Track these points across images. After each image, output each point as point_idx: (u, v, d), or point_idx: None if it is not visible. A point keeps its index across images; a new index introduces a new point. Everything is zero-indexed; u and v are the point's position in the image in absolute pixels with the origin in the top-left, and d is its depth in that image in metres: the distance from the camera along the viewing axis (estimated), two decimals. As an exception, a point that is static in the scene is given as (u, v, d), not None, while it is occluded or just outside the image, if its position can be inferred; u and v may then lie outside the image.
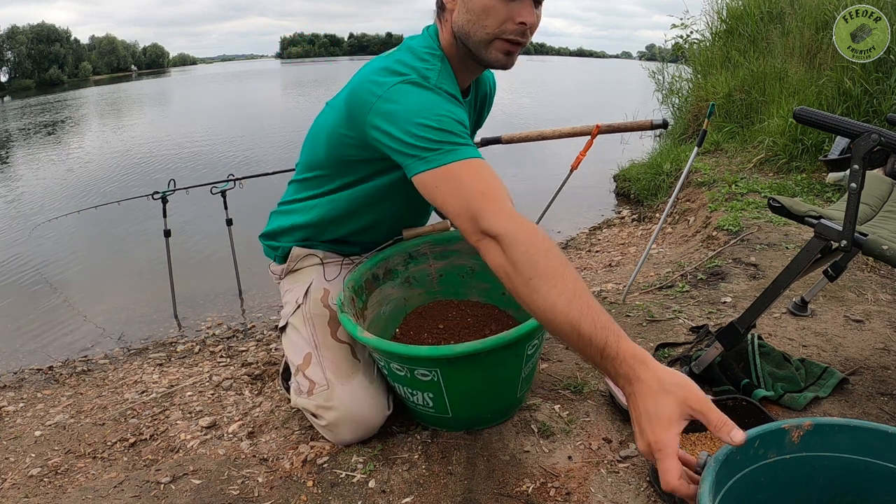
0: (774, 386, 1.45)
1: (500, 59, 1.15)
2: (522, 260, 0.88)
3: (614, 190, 4.96)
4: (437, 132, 1.03)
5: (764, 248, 2.50)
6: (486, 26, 1.11)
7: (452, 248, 1.55)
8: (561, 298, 0.83)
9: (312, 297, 1.39)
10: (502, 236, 0.92)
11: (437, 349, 1.14)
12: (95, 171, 6.83)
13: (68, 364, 2.34)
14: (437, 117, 1.05)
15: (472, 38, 1.14)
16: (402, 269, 1.53)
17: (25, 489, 1.33)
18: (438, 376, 1.18)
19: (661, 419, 0.69)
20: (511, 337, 1.12)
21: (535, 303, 0.86)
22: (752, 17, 5.36)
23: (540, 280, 0.86)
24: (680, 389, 0.70)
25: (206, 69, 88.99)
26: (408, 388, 1.26)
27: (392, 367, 1.23)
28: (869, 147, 1.11)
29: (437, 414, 1.28)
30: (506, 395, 1.30)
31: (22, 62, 64.35)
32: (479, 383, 1.21)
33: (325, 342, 1.34)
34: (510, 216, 0.94)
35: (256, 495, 1.21)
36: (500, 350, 1.13)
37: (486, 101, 1.48)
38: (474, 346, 1.11)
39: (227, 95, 21.32)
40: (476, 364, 1.16)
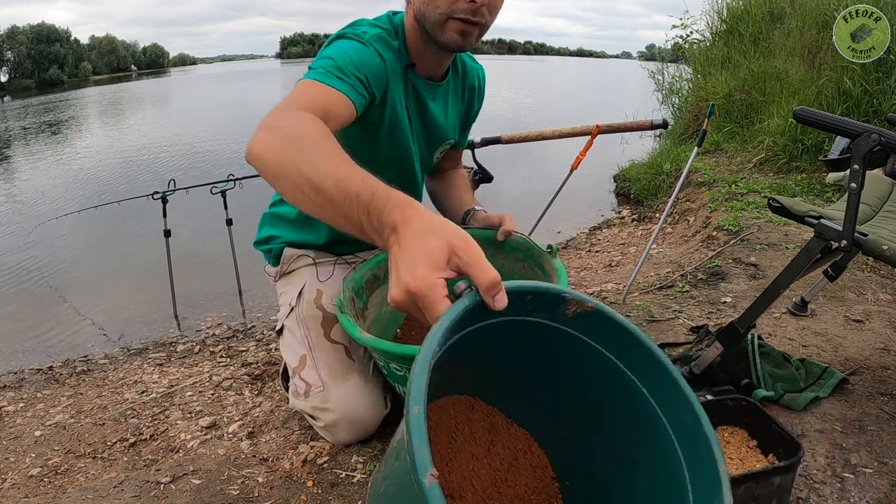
0: (774, 386, 1.45)
1: (454, 38, 1.15)
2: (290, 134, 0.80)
3: (614, 190, 4.96)
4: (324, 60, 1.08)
5: (764, 248, 2.50)
6: (437, 6, 1.12)
7: None
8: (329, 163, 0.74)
9: (305, 299, 1.39)
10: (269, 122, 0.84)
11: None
12: (96, 171, 6.83)
13: (68, 364, 2.34)
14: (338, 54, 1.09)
15: (427, 20, 1.15)
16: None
17: (25, 489, 1.33)
18: None
19: (427, 260, 0.57)
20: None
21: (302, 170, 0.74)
22: (752, 17, 5.36)
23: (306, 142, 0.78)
24: (450, 233, 0.59)
25: (205, 69, 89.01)
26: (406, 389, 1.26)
27: (391, 367, 1.23)
28: (869, 147, 1.11)
29: None
30: None
31: (22, 62, 64.37)
32: None
33: (318, 343, 1.34)
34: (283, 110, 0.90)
35: (256, 495, 1.21)
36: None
37: (475, 94, 1.48)
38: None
39: (228, 95, 21.32)
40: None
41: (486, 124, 1.58)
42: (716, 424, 1.24)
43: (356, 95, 1.07)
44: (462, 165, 1.69)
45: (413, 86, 1.27)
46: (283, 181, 0.77)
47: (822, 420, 1.35)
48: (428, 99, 1.31)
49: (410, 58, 1.24)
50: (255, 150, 0.81)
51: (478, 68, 1.47)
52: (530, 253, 1.42)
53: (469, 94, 1.45)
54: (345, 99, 1.04)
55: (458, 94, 1.41)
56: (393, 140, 1.27)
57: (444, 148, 1.44)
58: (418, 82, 1.28)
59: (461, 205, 1.49)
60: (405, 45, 1.23)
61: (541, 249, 1.39)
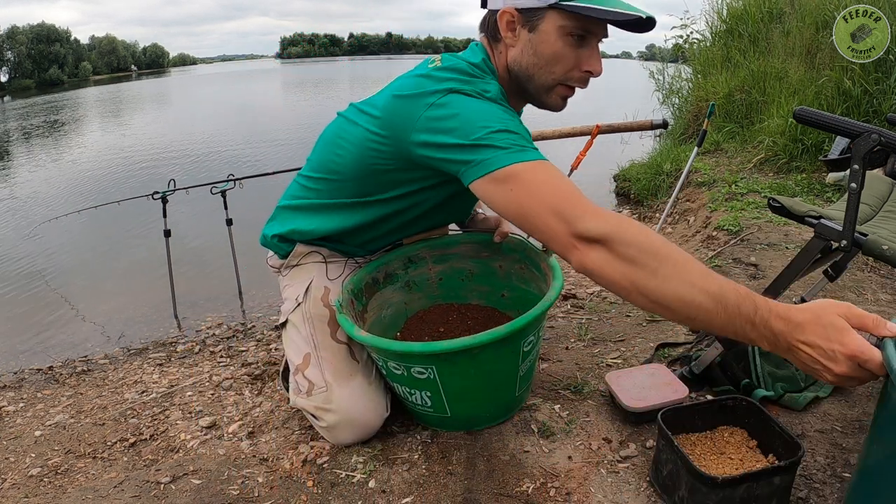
0: (774, 386, 1.45)
1: (558, 103, 1.16)
2: (642, 254, 0.82)
3: (614, 190, 4.96)
4: (504, 134, 0.97)
5: (764, 248, 2.50)
6: (553, 72, 1.09)
7: (451, 251, 1.55)
8: (695, 276, 0.79)
9: (313, 296, 1.37)
10: (608, 237, 0.84)
11: (431, 345, 1.14)
12: (96, 171, 6.83)
13: (68, 364, 2.34)
14: (501, 121, 0.99)
15: (534, 81, 1.12)
16: (401, 272, 1.52)
17: (25, 489, 1.33)
18: (434, 374, 1.18)
19: (843, 332, 0.72)
20: (505, 332, 1.11)
21: (669, 290, 0.80)
22: (752, 17, 5.36)
23: (667, 265, 0.80)
24: (834, 307, 0.74)
25: (205, 69, 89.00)
26: (406, 388, 1.26)
27: (390, 365, 1.23)
28: (869, 147, 1.11)
29: (437, 414, 1.28)
30: (504, 393, 1.29)
31: (22, 62, 64.39)
32: (475, 380, 1.21)
33: (324, 343, 1.34)
34: (605, 215, 0.88)
35: (256, 495, 1.21)
36: (494, 345, 1.13)
37: None
38: (468, 342, 1.11)
39: (228, 95, 21.31)
40: (471, 360, 1.16)
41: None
42: (716, 424, 1.24)
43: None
44: None
45: None
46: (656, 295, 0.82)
47: (822, 420, 1.35)
48: None
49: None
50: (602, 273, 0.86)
51: None
52: (526, 253, 1.46)
53: None
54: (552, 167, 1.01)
55: None
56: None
57: None
58: None
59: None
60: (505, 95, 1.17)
61: (536, 249, 1.42)
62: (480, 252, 1.54)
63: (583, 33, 1.06)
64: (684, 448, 1.11)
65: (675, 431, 1.18)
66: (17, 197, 5.93)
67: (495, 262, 1.54)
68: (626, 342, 1.77)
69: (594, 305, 2.07)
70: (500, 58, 1.16)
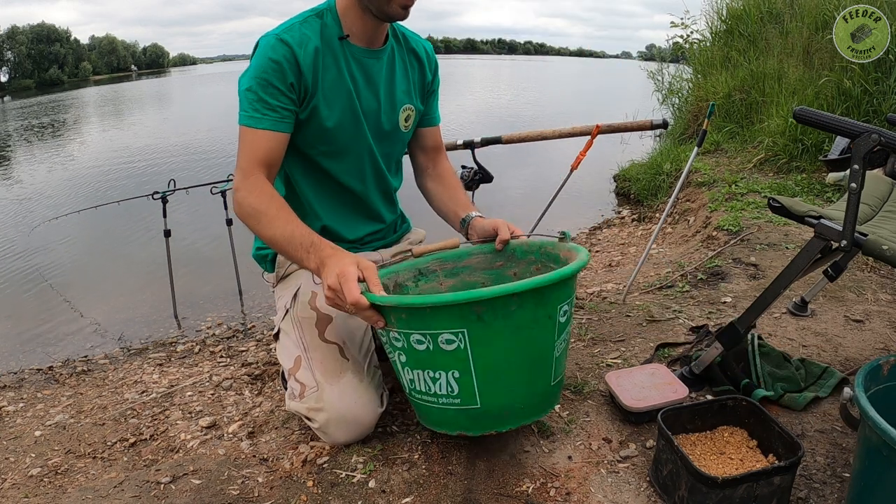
0: (774, 386, 1.45)
1: (398, 12, 1.28)
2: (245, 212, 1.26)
3: (614, 190, 4.96)
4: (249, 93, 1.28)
5: (764, 248, 2.50)
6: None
7: (462, 264, 1.48)
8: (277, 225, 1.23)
9: (300, 301, 1.39)
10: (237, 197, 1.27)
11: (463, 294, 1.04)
12: (96, 171, 6.83)
13: (68, 364, 2.34)
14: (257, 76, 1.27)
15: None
16: (411, 284, 1.45)
17: (25, 489, 1.33)
18: (465, 341, 1.07)
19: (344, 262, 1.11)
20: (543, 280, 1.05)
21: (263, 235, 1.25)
22: (751, 18, 5.36)
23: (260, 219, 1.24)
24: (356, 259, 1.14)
25: (206, 69, 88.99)
26: (430, 373, 1.13)
27: (413, 340, 1.11)
28: (869, 147, 1.11)
29: (464, 406, 1.14)
30: (540, 375, 1.16)
31: (22, 62, 64.37)
32: (511, 352, 1.10)
33: (312, 343, 1.34)
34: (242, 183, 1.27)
35: (256, 495, 1.21)
36: (532, 298, 1.06)
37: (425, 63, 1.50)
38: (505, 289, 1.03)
39: (228, 95, 21.29)
40: (508, 321, 1.07)
41: (486, 124, 1.59)
42: (716, 424, 1.24)
43: (284, 123, 1.29)
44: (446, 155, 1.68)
45: (352, 55, 1.34)
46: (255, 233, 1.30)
47: (822, 420, 1.36)
48: (371, 64, 1.37)
49: (344, 30, 1.32)
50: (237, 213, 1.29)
51: (421, 41, 1.52)
52: (542, 251, 1.39)
53: (416, 60, 1.49)
54: (276, 135, 1.29)
55: (405, 61, 1.46)
56: (332, 107, 1.34)
57: (405, 113, 1.47)
58: (356, 51, 1.34)
59: (456, 209, 1.49)
60: (337, 20, 1.32)
61: (553, 242, 1.35)
62: (493, 262, 1.46)
63: None
64: (684, 448, 1.11)
65: (675, 431, 1.18)
66: (17, 197, 5.93)
67: (509, 270, 1.46)
68: (626, 342, 1.77)
69: (594, 305, 2.07)
70: None
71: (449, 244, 1.45)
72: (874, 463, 0.92)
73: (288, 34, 1.27)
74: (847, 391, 1.03)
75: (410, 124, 1.50)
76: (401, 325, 1.12)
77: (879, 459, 0.90)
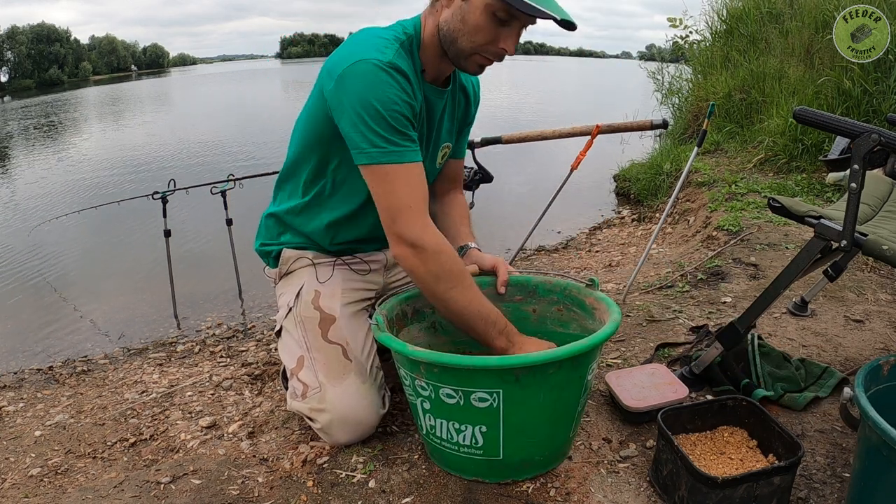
0: (774, 386, 1.45)
1: (474, 70, 1.24)
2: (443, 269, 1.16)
3: (614, 190, 4.96)
4: (384, 126, 1.13)
5: (764, 248, 2.50)
6: (472, 41, 1.17)
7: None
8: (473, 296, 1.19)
9: (303, 300, 1.38)
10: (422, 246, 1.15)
11: (507, 359, 1.06)
12: (96, 172, 6.83)
13: (68, 364, 2.34)
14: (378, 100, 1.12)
15: (455, 45, 1.20)
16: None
17: (25, 489, 1.33)
18: (500, 400, 1.07)
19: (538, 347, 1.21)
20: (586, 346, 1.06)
21: (455, 302, 1.18)
22: (751, 18, 5.36)
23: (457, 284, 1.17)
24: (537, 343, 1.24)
25: (205, 69, 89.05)
26: (455, 424, 1.12)
27: (442, 393, 1.09)
28: (869, 147, 1.11)
29: (485, 457, 1.14)
30: (561, 429, 1.19)
31: (22, 62, 64.37)
32: (540, 410, 1.12)
33: (315, 344, 1.34)
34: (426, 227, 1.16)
35: (256, 495, 1.21)
36: (570, 363, 1.07)
37: (471, 99, 1.49)
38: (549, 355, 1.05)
39: (228, 95, 21.32)
40: (543, 382, 1.08)
41: (486, 124, 1.58)
42: (716, 424, 1.24)
43: (419, 154, 1.19)
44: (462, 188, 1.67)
45: (424, 91, 1.28)
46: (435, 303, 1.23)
47: (822, 420, 1.36)
48: (435, 103, 1.33)
49: (422, 64, 1.26)
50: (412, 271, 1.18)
51: (473, 78, 1.48)
52: (566, 293, 1.38)
53: (463, 97, 1.46)
54: (420, 167, 1.19)
55: (455, 99, 1.43)
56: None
57: (443, 151, 1.45)
58: (427, 88, 1.29)
59: (456, 237, 1.49)
60: (418, 49, 1.26)
61: (579, 287, 1.35)
62: (512, 295, 1.44)
63: (505, 17, 1.14)
64: (684, 448, 1.11)
65: (675, 431, 1.18)
66: (17, 197, 5.93)
67: (529, 307, 1.44)
68: (626, 342, 1.77)
69: (594, 305, 2.07)
70: (433, 18, 1.23)
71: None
72: (874, 463, 0.92)
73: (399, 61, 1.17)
74: (847, 391, 1.03)
75: (444, 161, 1.49)
76: (430, 378, 1.10)
77: (879, 459, 0.90)
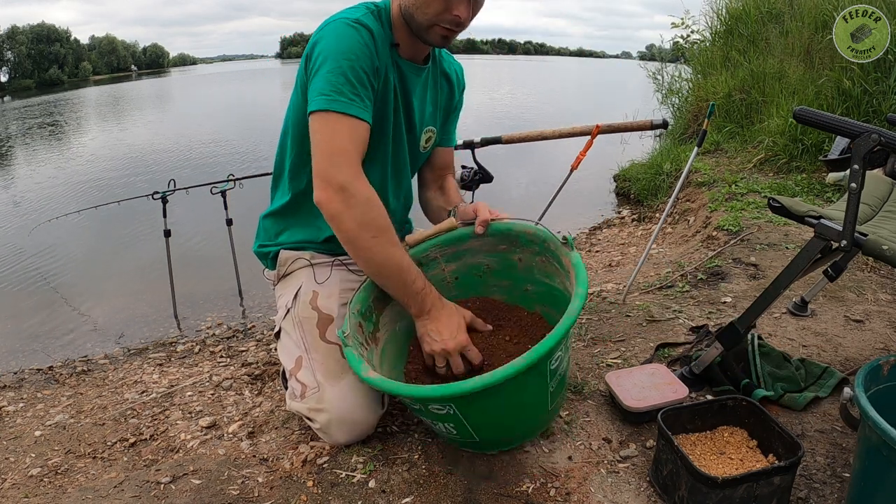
0: (774, 386, 1.45)
1: (438, 42, 1.27)
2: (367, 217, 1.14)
3: (614, 190, 4.96)
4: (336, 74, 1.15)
5: (764, 248, 2.50)
6: (426, 13, 1.22)
7: (463, 247, 1.44)
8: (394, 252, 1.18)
9: (301, 300, 1.39)
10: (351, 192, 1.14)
11: (442, 388, 1.03)
12: (96, 171, 6.83)
13: (68, 364, 2.34)
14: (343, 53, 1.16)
15: (413, 20, 1.25)
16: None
17: (25, 489, 1.33)
18: (454, 409, 1.08)
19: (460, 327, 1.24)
20: (526, 363, 0.99)
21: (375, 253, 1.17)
22: (751, 18, 5.36)
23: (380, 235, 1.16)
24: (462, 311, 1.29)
25: (205, 69, 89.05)
26: (428, 420, 1.19)
27: (405, 401, 1.18)
28: (869, 147, 1.11)
29: (464, 439, 1.18)
30: (535, 413, 1.19)
31: (22, 62, 64.33)
32: (501, 411, 1.12)
33: (314, 344, 1.34)
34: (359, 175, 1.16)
35: (256, 495, 1.21)
36: (517, 378, 1.00)
37: (454, 85, 1.50)
38: (486, 380, 0.99)
39: (228, 95, 21.31)
40: (494, 394, 1.05)
41: (486, 124, 1.59)
42: (716, 424, 1.24)
43: (369, 113, 1.20)
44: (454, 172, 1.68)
45: (398, 65, 1.32)
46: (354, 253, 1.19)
47: (822, 420, 1.36)
48: (412, 80, 1.35)
49: (395, 38, 1.30)
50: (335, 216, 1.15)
51: (454, 63, 1.51)
52: (547, 246, 1.35)
53: (446, 82, 1.48)
54: (365, 125, 1.19)
55: (436, 82, 1.45)
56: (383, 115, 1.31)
57: (427, 135, 1.46)
58: (402, 63, 1.32)
59: (446, 206, 1.50)
60: (391, 25, 1.30)
61: (556, 242, 1.31)
62: (497, 245, 1.42)
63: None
64: (684, 448, 1.11)
65: (675, 431, 1.18)
66: (17, 197, 5.93)
67: (514, 255, 1.42)
68: (626, 342, 1.77)
69: (594, 305, 2.07)
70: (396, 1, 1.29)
71: (445, 227, 1.42)
72: (874, 463, 0.92)
73: (366, 19, 1.22)
74: (847, 391, 1.03)
75: (430, 146, 1.50)
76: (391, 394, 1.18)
77: (879, 459, 0.90)
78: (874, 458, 0.92)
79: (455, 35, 1.26)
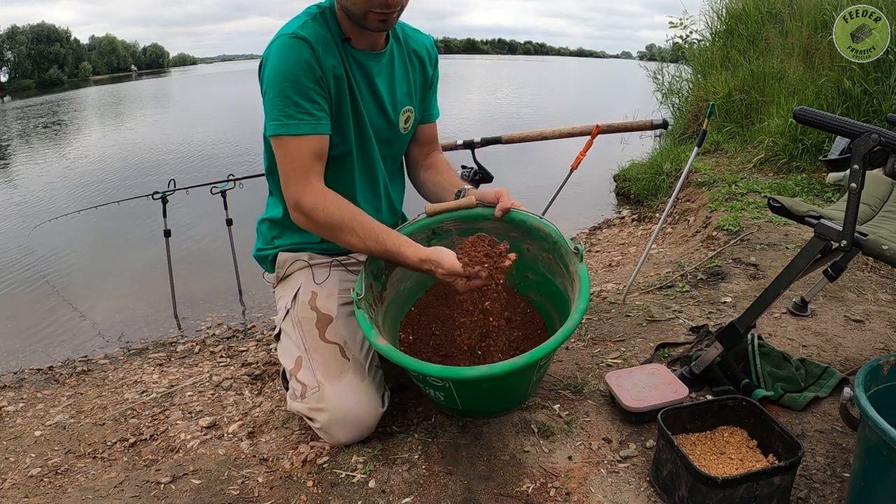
0: (774, 386, 1.45)
1: (377, 26, 1.28)
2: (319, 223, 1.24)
3: (614, 190, 4.96)
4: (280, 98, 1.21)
5: (764, 248, 2.50)
6: (356, 3, 1.24)
7: (477, 226, 1.47)
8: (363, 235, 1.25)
9: (300, 301, 1.39)
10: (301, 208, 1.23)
11: (446, 370, 1.12)
12: (96, 172, 6.83)
13: (68, 364, 2.34)
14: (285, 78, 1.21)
15: (350, 12, 1.27)
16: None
17: (25, 489, 1.33)
18: (451, 385, 1.17)
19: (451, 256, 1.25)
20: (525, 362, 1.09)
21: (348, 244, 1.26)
22: (750, 18, 5.36)
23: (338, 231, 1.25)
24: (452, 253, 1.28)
25: (206, 69, 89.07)
26: (419, 382, 1.28)
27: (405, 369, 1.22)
28: (869, 147, 1.11)
29: (449, 406, 1.28)
30: (516, 396, 1.32)
31: (22, 62, 64.29)
32: (490, 394, 1.24)
33: (313, 344, 1.35)
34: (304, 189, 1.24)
35: (256, 495, 1.21)
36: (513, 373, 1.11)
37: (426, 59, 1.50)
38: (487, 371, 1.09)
39: (228, 95, 21.30)
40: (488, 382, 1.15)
41: (486, 124, 1.58)
42: (716, 424, 1.24)
43: (324, 125, 1.26)
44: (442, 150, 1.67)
45: (353, 57, 1.33)
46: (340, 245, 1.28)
47: (822, 420, 1.36)
48: (372, 67, 1.36)
49: (344, 33, 1.31)
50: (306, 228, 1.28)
51: (423, 37, 1.52)
52: (557, 247, 1.38)
53: (416, 59, 1.48)
54: (321, 138, 1.25)
55: (405, 61, 1.45)
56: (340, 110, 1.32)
57: (406, 115, 1.46)
58: (358, 53, 1.33)
59: (451, 187, 1.50)
60: (337, 23, 1.32)
61: (568, 247, 1.34)
62: (509, 231, 1.45)
63: None
64: (684, 448, 1.11)
65: (675, 431, 1.18)
66: (17, 197, 5.92)
67: (524, 244, 1.46)
68: (626, 342, 1.77)
69: (594, 305, 2.07)
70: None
71: (465, 203, 1.45)
72: (874, 463, 0.92)
73: (303, 31, 1.24)
74: (847, 391, 1.03)
75: (410, 125, 1.50)
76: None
77: (879, 459, 0.90)
78: (874, 458, 0.92)
79: (391, 16, 1.27)
